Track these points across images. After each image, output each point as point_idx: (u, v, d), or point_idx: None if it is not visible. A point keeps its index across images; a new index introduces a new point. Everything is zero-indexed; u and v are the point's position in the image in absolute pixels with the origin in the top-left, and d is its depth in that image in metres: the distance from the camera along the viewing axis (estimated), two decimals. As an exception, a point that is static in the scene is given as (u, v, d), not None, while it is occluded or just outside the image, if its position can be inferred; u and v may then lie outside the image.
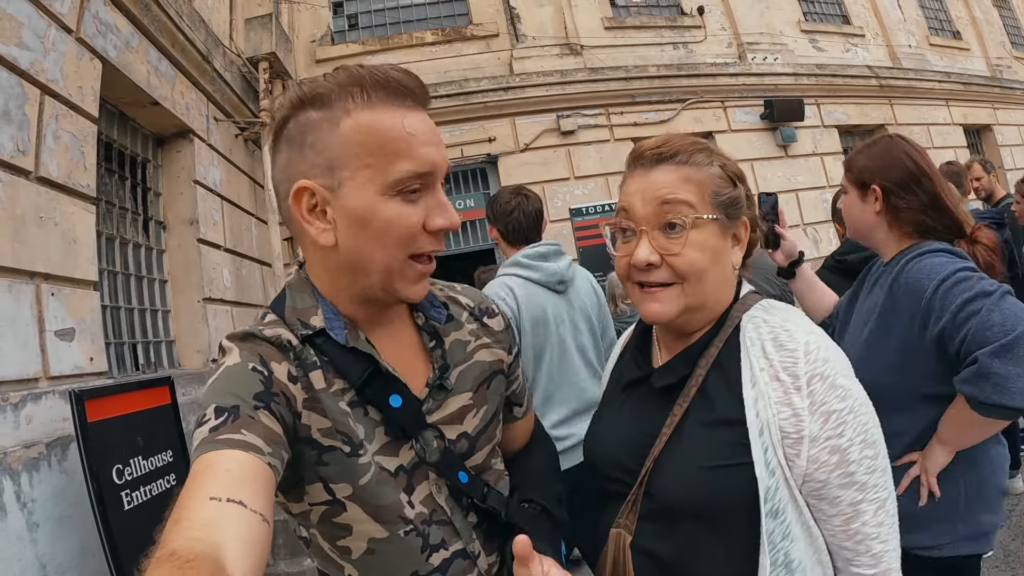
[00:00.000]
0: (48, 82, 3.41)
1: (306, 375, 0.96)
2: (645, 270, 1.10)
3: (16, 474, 2.74)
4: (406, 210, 0.93)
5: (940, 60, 11.48)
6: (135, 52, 4.47)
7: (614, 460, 1.19)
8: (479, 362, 1.14)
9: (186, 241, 5.27)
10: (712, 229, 1.10)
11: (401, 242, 0.94)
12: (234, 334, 0.98)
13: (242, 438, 0.80)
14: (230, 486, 0.73)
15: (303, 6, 8.45)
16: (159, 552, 0.65)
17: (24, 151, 3.18)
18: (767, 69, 9.60)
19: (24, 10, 3.26)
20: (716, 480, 1.03)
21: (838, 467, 0.99)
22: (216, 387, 0.88)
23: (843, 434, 0.99)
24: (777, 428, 1.00)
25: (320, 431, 0.95)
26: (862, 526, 1.01)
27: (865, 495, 1.01)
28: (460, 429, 1.08)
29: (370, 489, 0.97)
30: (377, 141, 0.92)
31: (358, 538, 0.99)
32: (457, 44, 9.01)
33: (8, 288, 2.98)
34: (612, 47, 9.24)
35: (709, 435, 1.06)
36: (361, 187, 0.92)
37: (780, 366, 1.03)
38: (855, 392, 1.03)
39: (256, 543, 0.71)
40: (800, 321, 1.10)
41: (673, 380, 1.13)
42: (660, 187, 1.10)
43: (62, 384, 3.20)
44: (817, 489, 1.01)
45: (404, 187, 0.92)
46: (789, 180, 9.46)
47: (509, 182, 8.58)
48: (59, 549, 2.89)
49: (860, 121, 10.30)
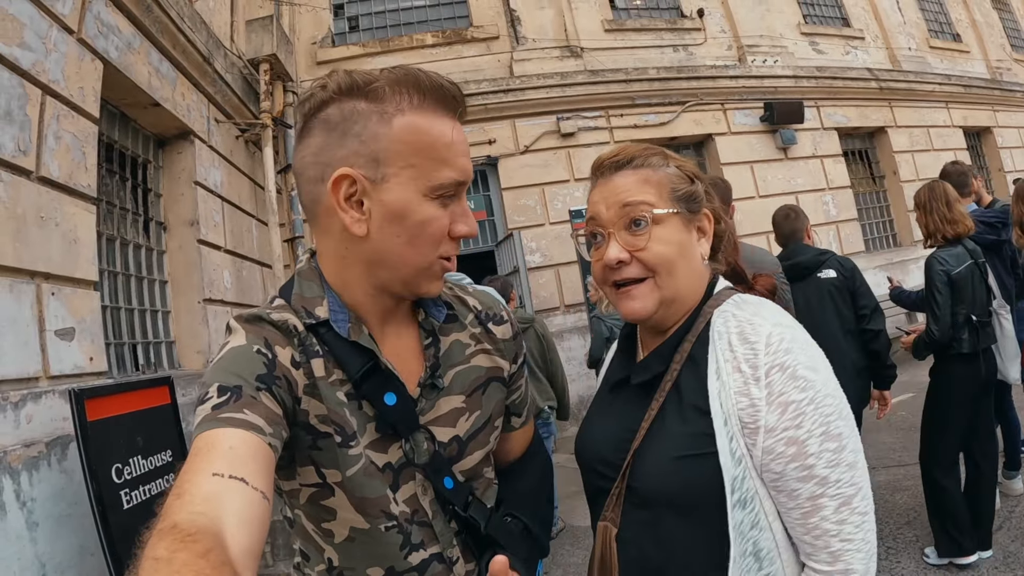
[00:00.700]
0: (50, 83, 3.43)
1: (308, 362, 0.97)
2: (617, 268, 1.15)
3: (16, 473, 2.75)
4: (440, 213, 0.96)
5: (940, 63, 11.52)
6: (136, 53, 4.49)
7: (600, 456, 1.22)
8: (476, 366, 1.14)
9: (187, 242, 5.28)
10: (675, 223, 1.15)
11: (433, 242, 0.97)
12: (242, 315, 0.99)
13: (244, 417, 0.80)
14: (233, 463, 0.74)
15: (304, 8, 8.47)
16: (160, 524, 0.66)
17: (25, 151, 3.19)
18: (767, 72, 9.63)
19: (26, 11, 3.28)
20: (687, 469, 1.05)
21: (795, 459, 0.99)
22: (220, 366, 0.89)
23: (801, 425, 0.99)
24: (737, 419, 1.02)
25: (317, 417, 0.96)
26: (821, 521, 1.00)
27: (826, 490, 0.99)
28: (452, 432, 1.08)
29: (357, 480, 0.98)
30: (427, 145, 0.95)
31: (341, 524, 1.00)
32: (457, 46, 9.04)
33: (9, 287, 2.99)
34: (612, 49, 9.28)
35: (681, 427, 1.08)
36: (403, 185, 0.94)
37: (742, 358, 1.05)
38: (818, 384, 1.02)
39: (256, 520, 0.72)
40: (769, 314, 1.11)
41: (648, 377, 1.16)
42: (620, 191, 1.16)
43: (62, 384, 3.21)
44: (774, 480, 1.01)
45: (443, 192, 0.96)
46: (789, 182, 9.49)
47: (509, 184, 8.62)
48: (58, 548, 2.90)
49: (860, 123, 10.34)
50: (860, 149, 10.72)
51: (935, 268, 3.43)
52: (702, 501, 1.04)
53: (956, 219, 3.43)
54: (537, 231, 8.50)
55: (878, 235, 10.62)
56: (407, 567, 1.03)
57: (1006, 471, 4.21)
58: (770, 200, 9.30)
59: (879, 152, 10.73)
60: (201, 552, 0.61)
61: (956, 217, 3.44)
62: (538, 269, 8.34)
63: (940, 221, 3.47)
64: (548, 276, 8.37)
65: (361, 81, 0.95)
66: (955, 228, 3.44)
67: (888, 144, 10.49)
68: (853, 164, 10.43)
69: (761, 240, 8.84)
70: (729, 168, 9.26)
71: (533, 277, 8.13)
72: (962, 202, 3.59)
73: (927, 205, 3.53)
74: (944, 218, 3.46)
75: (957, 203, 3.48)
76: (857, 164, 10.55)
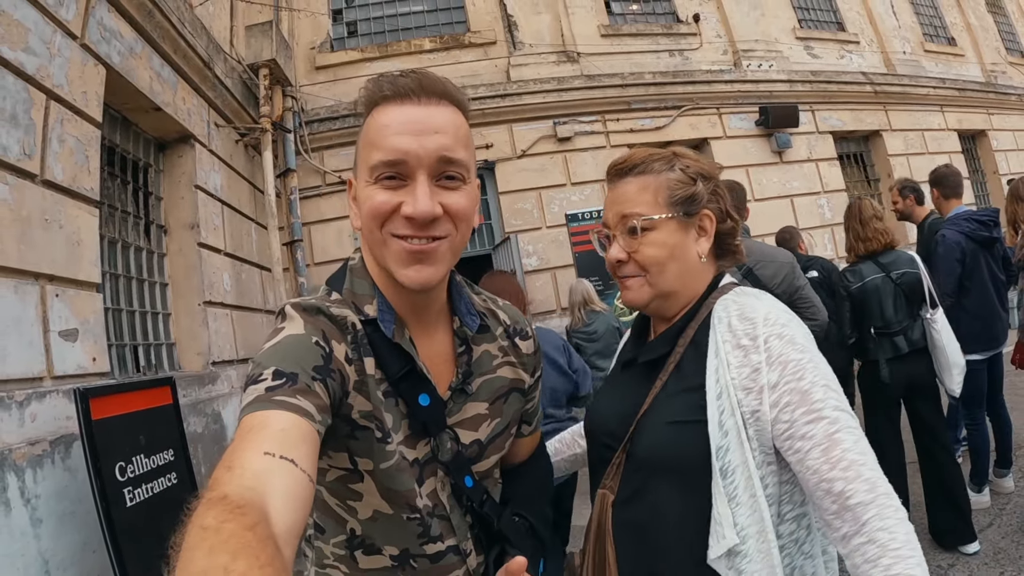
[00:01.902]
0: (54, 87, 3.47)
1: (361, 359, 1.02)
2: (617, 266, 1.32)
3: (20, 470, 2.79)
4: (380, 194, 0.99)
5: (935, 66, 11.57)
6: (138, 58, 4.54)
7: (607, 428, 1.32)
8: (501, 377, 1.21)
9: (187, 245, 5.32)
10: (668, 226, 1.27)
11: (372, 218, 1.00)
12: (299, 304, 1.02)
13: (297, 403, 0.83)
14: (284, 444, 0.77)
15: (303, 14, 8.53)
16: (210, 494, 0.67)
17: (30, 155, 3.24)
18: (762, 76, 9.68)
19: (30, 16, 3.32)
20: (677, 434, 1.15)
21: (801, 404, 1.05)
22: (277, 351, 0.91)
23: (803, 377, 1.06)
24: (735, 391, 1.10)
25: (360, 413, 1.00)
26: (844, 452, 1.00)
27: (840, 426, 1.02)
28: (474, 436, 1.14)
29: (390, 474, 1.02)
30: (367, 135, 1.03)
31: (366, 505, 1.05)
32: (455, 51, 9.08)
33: (14, 288, 3.03)
34: (608, 54, 9.33)
35: (678, 399, 1.19)
36: (360, 177, 1.04)
37: (742, 334, 1.14)
38: (813, 351, 1.11)
39: (302, 500, 0.74)
40: (768, 302, 1.21)
41: (654, 356, 1.29)
42: (620, 200, 1.31)
43: (65, 383, 3.25)
44: (786, 431, 1.06)
45: (379, 175, 0.99)
46: (784, 186, 9.53)
47: (506, 188, 8.66)
48: (62, 545, 2.93)
49: (855, 127, 10.38)
50: (855, 152, 10.75)
51: (839, 284, 3.79)
52: (690, 465, 1.13)
53: (868, 236, 3.68)
54: (534, 235, 8.55)
55: (873, 237, 10.55)
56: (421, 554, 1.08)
57: (997, 469, 4.27)
58: (766, 203, 9.36)
59: (874, 155, 10.78)
60: (249, 525, 0.63)
61: (868, 235, 3.68)
62: (535, 272, 8.38)
63: (854, 239, 3.77)
64: (545, 279, 8.41)
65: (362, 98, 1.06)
66: (867, 245, 3.70)
67: (883, 147, 10.54)
68: (848, 167, 10.47)
69: (757, 243, 8.91)
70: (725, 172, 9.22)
71: (530, 280, 8.18)
72: (884, 219, 3.76)
73: (845, 223, 3.84)
74: (857, 236, 3.74)
75: (873, 221, 3.69)
76: (852, 167, 10.60)
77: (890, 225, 3.83)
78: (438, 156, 0.99)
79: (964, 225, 4.09)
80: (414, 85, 1.00)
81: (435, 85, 1.01)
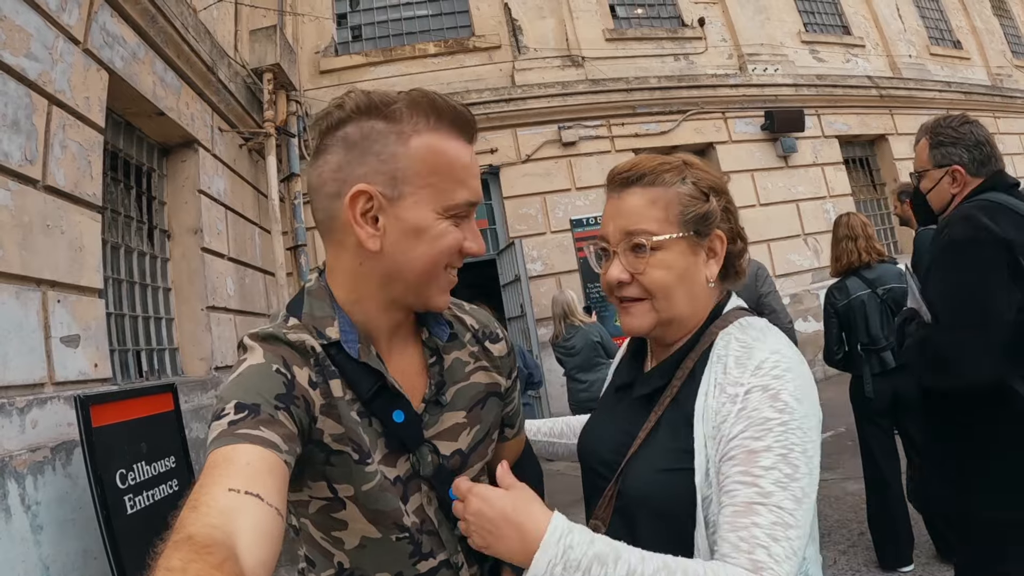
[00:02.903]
0: (56, 92, 3.47)
1: (326, 382, 0.99)
2: (618, 287, 1.18)
3: (21, 477, 2.78)
4: (452, 230, 1.00)
5: (941, 70, 11.56)
6: (141, 63, 4.54)
7: (599, 456, 1.25)
8: (475, 383, 1.18)
9: (190, 250, 5.33)
10: (679, 247, 1.15)
11: (447, 256, 1.01)
12: (257, 333, 0.99)
13: (261, 434, 0.81)
14: (249, 479, 0.75)
15: (307, 18, 8.55)
16: (175, 536, 0.66)
17: (32, 160, 3.23)
18: (767, 80, 9.67)
19: (33, 21, 3.32)
20: (666, 482, 1.06)
21: (743, 464, 0.96)
22: (239, 383, 0.90)
23: (761, 439, 0.97)
24: (715, 440, 1.01)
25: (332, 436, 0.97)
26: (753, 526, 0.92)
27: (766, 501, 0.93)
28: (455, 446, 1.11)
29: (373, 495, 1.00)
30: (444, 166, 0.98)
31: (352, 534, 1.02)
32: (459, 56, 9.10)
33: (15, 295, 3.03)
34: (613, 59, 9.33)
35: (671, 441, 1.10)
36: (420, 203, 0.97)
37: (733, 380, 1.04)
38: (797, 413, 0.99)
39: (270, 536, 0.73)
40: (773, 343, 1.09)
41: (648, 391, 1.19)
42: (626, 214, 1.17)
43: (67, 390, 3.24)
44: (721, 482, 0.99)
45: (456, 212, 1.00)
46: (790, 190, 9.51)
47: (511, 193, 8.66)
48: (62, 551, 2.92)
49: (861, 131, 10.36)
50: (861, 157, 10.73)
51: (826, 302, 3.81)
52: (678, 514, 1.04)
53: (839, 255, 3.74)
54: (538, 240, 8.54)
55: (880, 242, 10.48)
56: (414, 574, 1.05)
57: None
58: (771, 208, 9.34)
59: (880, 160, 10.75)
60: (216, 564, 0.62)
61: (838, 254, 3.75)
62: (539, 278, 8.37)
63: (832, 259, 3.85)
64: (549, 284, 8.38)
65: (379, 101, 0.98)
66: (838, 264, 3.76)
67: (889, 151, 10.51)
68: (854, 172, 10.45)
69: (762, 248, 8.89)
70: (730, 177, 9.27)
71: (534, 286, 8.15)
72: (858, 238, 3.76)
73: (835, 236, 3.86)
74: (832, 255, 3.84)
75: (845, 240, 3.73)
76: (858, 172, 10.57)
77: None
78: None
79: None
80: (475, 124, 1.05)
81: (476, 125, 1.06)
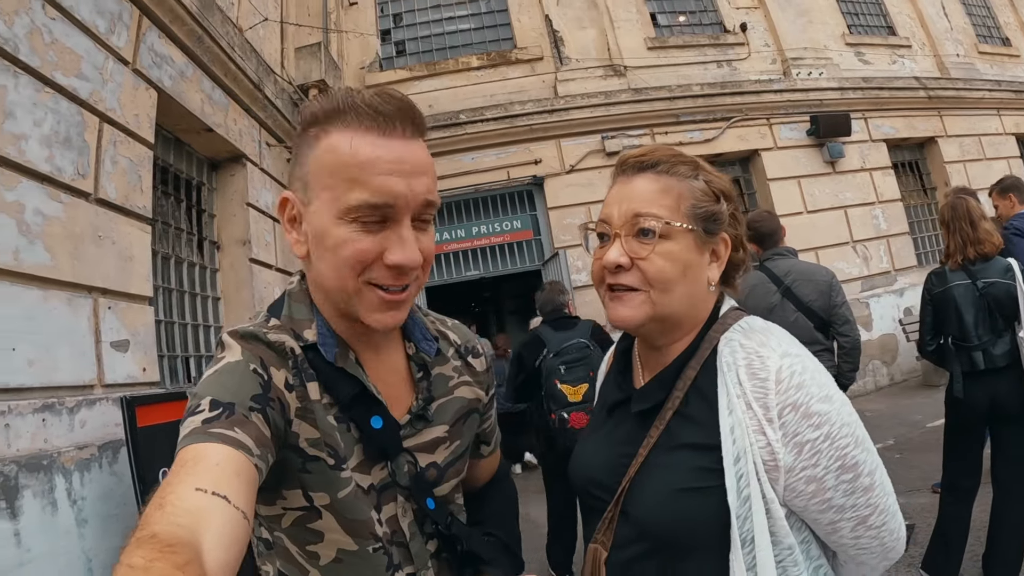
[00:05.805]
0: (106, 111, 3.67)
1: (303, 385, 0.97)
2: (615, 272, 1.11)
3: (68, 473, 2.93)
4: (359, 238, 0.91)
5: (990, 68, 11.15)
6: (189, 81, 4.75)
7: (593, 478, 1.21)
8: (459, 398, 1.16)
9: (238, 261, 5.52)
10: (686, 240, 1.09)
11: (349, 267, 0.93)
12: (236, 331, 0.97)
13: (234, 435, 0.80)
14: (217, 480, 0.73)
15: (351, 35, 8.78)
16: (139, 533, 0.65)
17: (84, 175, 3.42)
18: (812, 84, 9.50)
19: (83, 44, 3.52)
20: (688, 503, 1.03)
21: (815, 495, 1.01)
22: (215, 380, 0.89)
23: (818, 463, 0.99)
24: (758, 456, 1.00)
25: (308, 441, 0.96)
26: (839, 539, 1.08)
27: (843, 515, 1.05)
28: (431, 459, 1.09)
29: (347, 503, 0.98)
30: (339, 164, 0.91)
31: (328, 546, 1.00)
32: (502, 68, 9.21)
33: (67, 301, 3.20)
34: (655, 67, 9.31)
35: (685, 458, 1.06)
36: (322, 207, 0.93)
37: (752, 396, 1.02)
38: (832, 416, 1.00)
39: (235, 539, 0.71)
40: (777, 344, 1.07)
41: (649, 405, 1.13)
42: (636, 197, 1.11)
43: (115, 392, 3.40)
44: (800, 510, 1.05)
45: (358, 215, 0.90)
46: (837, 197, 9.31)
47: (556, 203, 8.71)
48: (104, 545, 3.06)
49: (909, 134, 10.08)
50: (910, 160, 10.43)
51: (924, 287, 3.44)
52: (701, 536, 1.03)
53: (981, 239, 3.20)
54: (583, 250, 8.52)
55: (930, 249, 10.23)
56: None
57: None
58: (818, 215, 9.16)
59: (929, 163, 10.43)
60: (179, 564, 0.61)
61: (981, 237, 3.20)
62: (585, 288, 8.32)
63: (962, 242, 3.26)
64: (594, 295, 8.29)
65: (314, 108, 0.95)
66: (978, 248, 3.21)
67: (939, 155, 10.20)
68: (903, 176, 10.15)
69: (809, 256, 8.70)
70: (776, 183, 9.16)
71: (580, 296, 8.12)
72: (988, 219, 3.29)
73: (950, 225, 3.31)
74: (967, 239, 3.24)
75: (983, 222, 3.22)
76: (907, 176, 10.27)
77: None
78: (423, 200, 0.94)
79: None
80: (398, 114, 0.93)
81: (414, 114, 0.95)
